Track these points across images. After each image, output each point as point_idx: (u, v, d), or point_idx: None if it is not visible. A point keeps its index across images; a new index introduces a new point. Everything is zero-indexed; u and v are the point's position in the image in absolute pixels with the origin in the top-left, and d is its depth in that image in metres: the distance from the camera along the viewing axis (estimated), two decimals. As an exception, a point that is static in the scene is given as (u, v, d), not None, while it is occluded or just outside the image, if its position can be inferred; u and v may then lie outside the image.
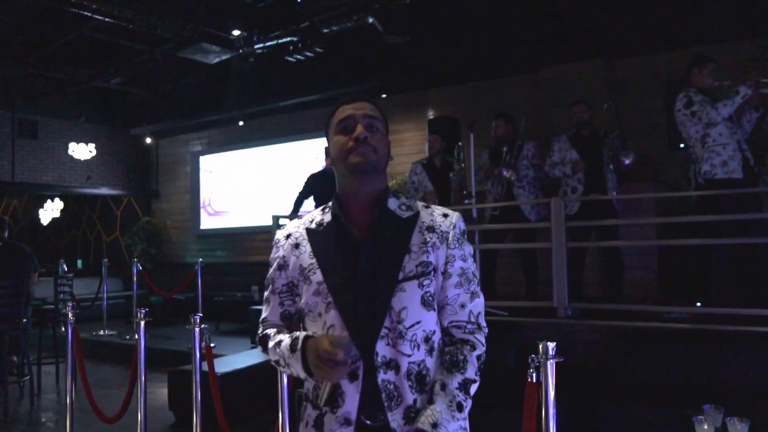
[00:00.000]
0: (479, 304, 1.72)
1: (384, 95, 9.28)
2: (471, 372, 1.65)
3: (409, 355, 1.59)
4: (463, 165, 6.56)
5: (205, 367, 3.92)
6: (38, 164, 11.78)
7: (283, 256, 1.78)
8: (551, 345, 2.48)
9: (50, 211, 14.73)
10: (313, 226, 1.75)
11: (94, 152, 12.30)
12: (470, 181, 6.39)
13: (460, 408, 1.60)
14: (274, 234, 1.90)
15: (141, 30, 7.74)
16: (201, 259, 8.79)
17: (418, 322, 1.61)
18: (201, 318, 3.71)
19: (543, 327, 5.25)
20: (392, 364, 1.59)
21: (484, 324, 1.72)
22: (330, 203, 1.77)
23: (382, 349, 1.59)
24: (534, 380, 2.49)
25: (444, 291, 1.68)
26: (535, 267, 6.15)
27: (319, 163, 8.31)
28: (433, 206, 1.77)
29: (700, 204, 4.97)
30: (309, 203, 8.08)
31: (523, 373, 2.30)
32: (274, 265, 1.80)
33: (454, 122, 8.05)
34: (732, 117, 4.86)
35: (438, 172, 6.77)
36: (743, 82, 4.82)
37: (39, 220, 14.91)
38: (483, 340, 1.70)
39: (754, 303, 4.58)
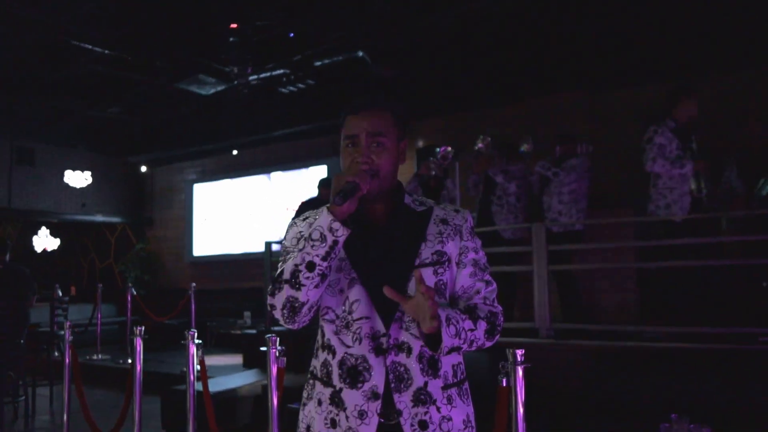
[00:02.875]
0: (493, 290, 1.80)
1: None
2: (480, 313, 1.70)
3: (418, 337, 1.63)
4: (446, 165, 6.81)
5: (200, 386, 4.08)
6: (35, 191, 11.94)
7: (300, 232, 1.79)
8: (519, 352, 2.69)
9: (44, 238, 14.84)
10: None
11: (90, 180, 12.46)
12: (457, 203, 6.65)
13: (463, 313, 1.66)
14: (267, 258, 2.00)
15: (138, 62, 8.00)
16: (194, 284, 8.94)
17: None
18: (195, 334, 3.88)
19: (524, 347, 5.41)
20: (404, 347, 1.65)
21: (498, 306, 1.79)
22: None
23: (395, 332, 1.65)
24: (504, 384, 2.69)
25: (459, 281, 1.76)
26: (513, 289, 6.32)
27: (311, 192, 8.53)
28: (445, 204, 1.85)
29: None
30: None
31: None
32: (293, 240, 1.78)
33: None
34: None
35: (431, 187, 7.00)
36: (697, 161, 5.02)
37: (33, 246, 15.01)
38: (499, 312, 1.77)
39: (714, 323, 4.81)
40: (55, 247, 14.58)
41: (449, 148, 6.79)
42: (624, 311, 6.29)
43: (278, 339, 3.36)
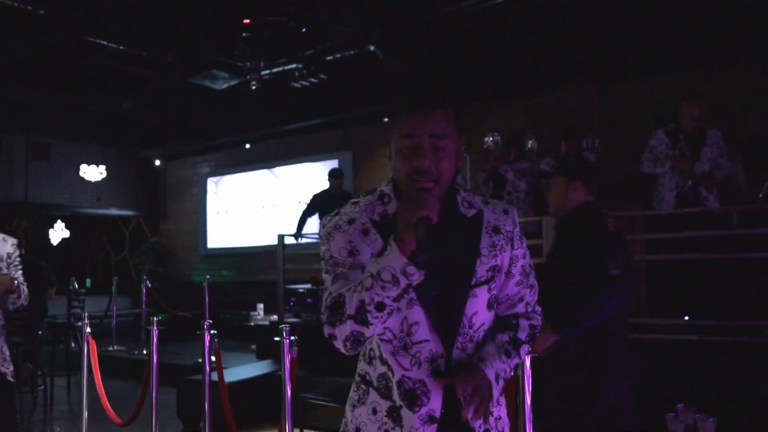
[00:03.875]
0: (536, 292, 1.77)
1: (386, 119, 9.58)
2: (522, 334, 1.70)
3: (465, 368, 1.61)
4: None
5: (215, 377, 4.16)
6: (50, 185, 12.10)
7: (350, 241, 1.62)
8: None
9: (60, 231, 15.04)
10: (377, 217, 1.64)
11: (105, 174, 12.61)
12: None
13: (508, 354, 1.64)
14: (279, 251, 1.95)
15: (152, 57, 8.10)
16: (208, 276, 9.05)
17: (482, 324, 1.65)
18: (210, 324, 3.96)
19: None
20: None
21: (538, 308, 1.78)
22: (386, 190, 1.69)
23: (456, 353, 1.61)
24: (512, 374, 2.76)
25: (505, 289, 1.72)
26: None
27: (323, 184, 8.62)
28: (490, 200, 1.74)
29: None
30: (313, 222, 8.36)
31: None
32: (343, 251, 1.62)
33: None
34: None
35: None
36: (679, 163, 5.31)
37: (50, 239, 15.21)
38: (538, 318, 1.77)
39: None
40: (68, 236, 14.75)
41: None
42: (634, 303, 6.32)
43: (290, 329, 3.43)
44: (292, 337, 3.44)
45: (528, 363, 2.74)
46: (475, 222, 1.67)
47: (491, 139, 6.67)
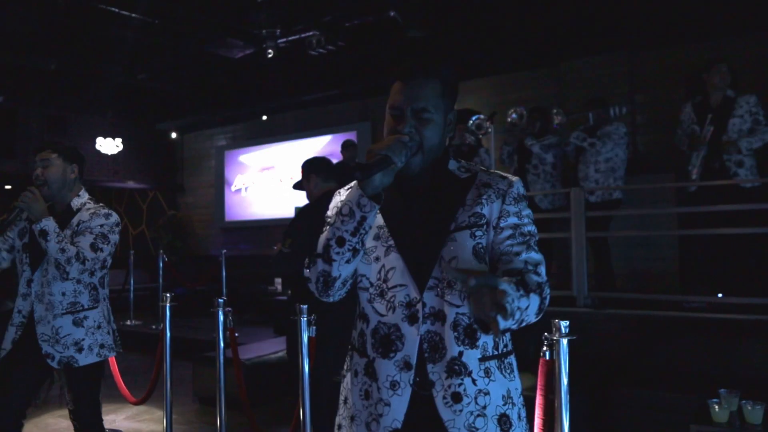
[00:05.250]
0: (537, 257, 1.58)
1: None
2: (530, 283, 1.48)
3: (458, 306, 1.54)
4: (481, 135, 6.57)
5: (230, 353, 4.02)
6: (67, 158, 12.01)
7: (341, 201, 1.68)
8: (564, 323, 2.54)
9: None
10: None
11: (121, 147, 12.51)
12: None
13: (526, 293, 1.43)
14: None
15: (166, 26, 7.89)
16: (225, 250, 8.93)
17: None
18: (224, 302, 3.81)
19: (561, 316, 5.28)
20: (440, 315, 1.55)
21: (544, 274, 1.57)
22: None
23: (431, 300, 1.55)
24: (548, 357, 2.56)
25: (496, 244, 1.59)
26: (549, 259, 6.18)
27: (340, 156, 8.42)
28: (493, 172, 1.70)
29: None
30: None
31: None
32: (333, 209, 1.70)
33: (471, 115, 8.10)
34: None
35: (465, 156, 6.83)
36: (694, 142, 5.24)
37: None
38: (547, 288, 1.54)
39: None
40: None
41: (483, 116, 6.55)
42: (665, 280, 6.09)
43: (308, 307, 3.27)
44: (311, 317, 3.28)
45: (565, 343, 2.54)
46: (467, 181, 1.66)
47: (515, 112, 6.39)
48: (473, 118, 6.39)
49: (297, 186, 4.38)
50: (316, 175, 4.16)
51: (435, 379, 1.54)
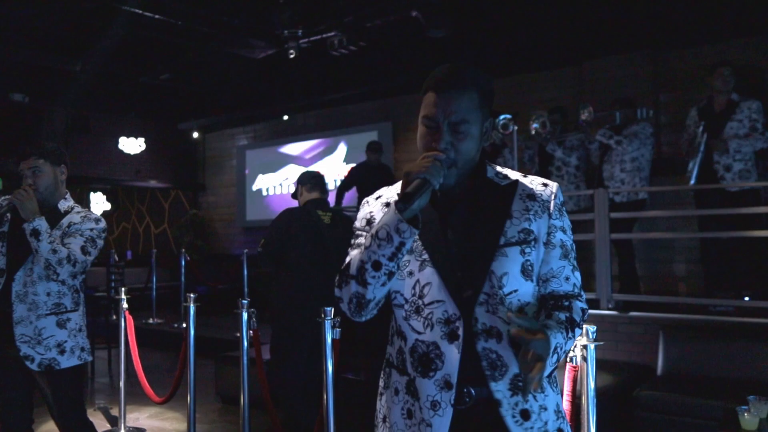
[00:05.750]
0: (580, 277, 1.65)
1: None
2: (576, 317, 1.56)
3: (509, 324, 1.47)
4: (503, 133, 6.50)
5: (253, 353, 4.04)
6: (90, 158, 12.16)
7: (371, 212, 1.67)
8: (592, 329, 2.52)
9: (100, 204, 15.19)
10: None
11: (144, 146, 12.64)
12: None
13: (566, 332, 1.49)
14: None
15: (189, 26, 7.93)
16: (246, 250, 8.96)
17: (515, 291, 1.52)
18: (248, 303, 3.82)
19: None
20: (493, 332, 1.50)
21: (583, 294, 1.66)
22: None
23: (482, 316, 1.51)
24: (575, 363, 2.53)
25: (548, 263, 1.58)
26: None
27: (363, 157, 8.40)
28: (530, 175, 1.67)
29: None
30: (351, 196, 8.19)
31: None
32: (363, 221, 1.68)
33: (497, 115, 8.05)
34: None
35: (488, 156, 6.80)
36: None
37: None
38: (584, 303, 1.64)
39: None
40: (108, 208, 14.87)
41: (509, 116, 6.49)
42: (689, 282, 6.02)
43: (333, 310, 3.27)
44: (336, 318, 3.28)
45: (593, 347, 2.52)
46: (509, 189, 1.61)
47: (536, 121, 6.28)
48: (500, 118, 6.34)
49: (293, 195, 4.79)
50: (302, 185, 4.61)
51: (501, 398, 1.49)
